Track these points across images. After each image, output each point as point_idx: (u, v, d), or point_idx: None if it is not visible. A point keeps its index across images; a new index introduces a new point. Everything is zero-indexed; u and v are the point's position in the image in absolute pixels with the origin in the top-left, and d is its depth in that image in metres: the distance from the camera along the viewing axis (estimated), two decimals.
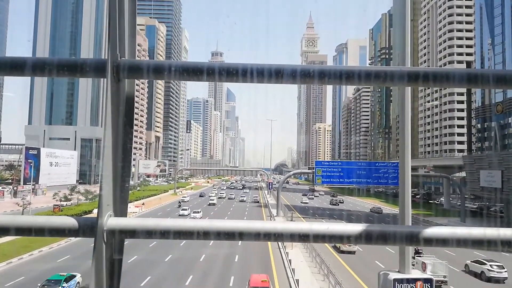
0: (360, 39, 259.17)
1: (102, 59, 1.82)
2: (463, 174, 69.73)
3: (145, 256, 28.74)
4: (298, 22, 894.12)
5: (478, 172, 57.01)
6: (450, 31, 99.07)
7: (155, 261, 27.64)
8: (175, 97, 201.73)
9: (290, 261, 27.15)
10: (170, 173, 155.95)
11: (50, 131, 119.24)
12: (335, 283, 21.32)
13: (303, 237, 1.74)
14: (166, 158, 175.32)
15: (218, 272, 25.87)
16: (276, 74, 1.81)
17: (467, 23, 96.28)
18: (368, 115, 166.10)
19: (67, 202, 54.69)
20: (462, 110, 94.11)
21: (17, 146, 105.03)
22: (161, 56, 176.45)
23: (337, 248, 33.79)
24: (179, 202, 66.37)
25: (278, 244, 33.04)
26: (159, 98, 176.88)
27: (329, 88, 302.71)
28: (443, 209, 70.55)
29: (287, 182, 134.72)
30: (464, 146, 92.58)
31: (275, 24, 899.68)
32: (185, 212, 51.57)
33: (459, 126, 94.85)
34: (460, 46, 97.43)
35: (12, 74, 1.88)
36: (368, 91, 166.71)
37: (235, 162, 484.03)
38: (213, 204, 66.44)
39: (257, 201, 76.64)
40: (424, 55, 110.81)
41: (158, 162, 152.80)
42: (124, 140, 1.93)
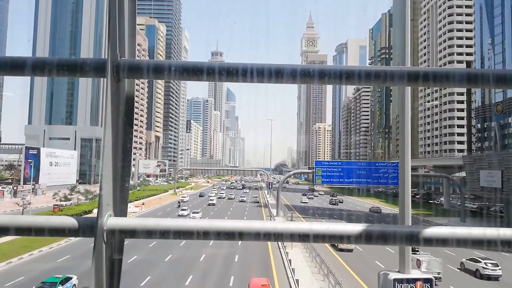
0: (360, 39, 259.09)
1: (102, 59, 1.82)
2: (463, 174, 69.75)
3: (145, 256, 28.74)
4: (298, 22, 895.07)
5: (478, 172, 57.03)
6: (450, 31, 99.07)
7: (155, 261, 27.63)
8: (175, 97, 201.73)
9: (290, 261, 27.14)
10: (170, 173, 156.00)
11: (50, 131, 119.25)
12: (335, 283, 21.32)
13: (303, 237, 1.74)
14: (166, 158, 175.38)
15: (218, 272, 25.88)
16: (276, 74, 1.80)
17: (467, 23, 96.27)
18: (368, 115, 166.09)
19: (67, 202, 54.69)
20: (462, 110, 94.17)
21: (17, 146, 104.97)
22: (161, 56, 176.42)
23: (335, 246, 33.84)
24: (179, 202, 66.10)
25: (278, 244, 33.04)
26: (159, 98, 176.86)
27: (329, 88, 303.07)
28: (443, 209, 70.56)
29: (287, 182, 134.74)
30: (464, 146, 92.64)
31: (275, 24, 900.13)
32: (185, 213, 51.23)
33: (459, 126, 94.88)
34: (460, 46, 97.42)
35: (12, 74, 1.88)
36: (368, 91, 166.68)
37: (235, 162, 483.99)
38: (213, 204, 66.23)
39: (257, 201, 76.48)
40: (424, 55, 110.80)
41: (158, 162, 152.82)
42: (124, 140, 1.93)
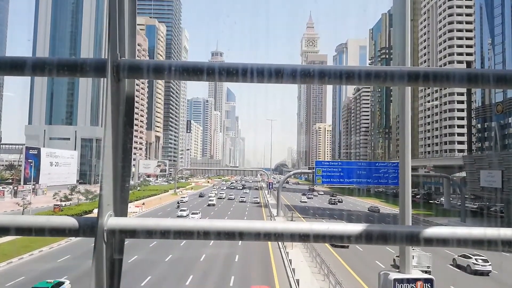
0: (360, 39, 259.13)
1: (102, 59, 1.82)
2: (463, 174, 69.74)
3: (145, 256, 28.74)
4: (298, 22, 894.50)
5: (478, 172, 57.02)
6: (450, 31, 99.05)
7: (155, 261, 27.63)
8: (175, 97, 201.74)
9: (290, 261, 27.14)
10: (170, 173, 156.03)
11: (50, 131, 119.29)
12: (335, 283, 21.31)
13: (303, 237, 1.74)
14: (166, 158, 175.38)
15: (219, 272, 25.87)
16: (276, 74, 1.80)
17: (467, 23, 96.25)
18: (368, 115, 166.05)
19: (66, 202, 54.49)
20: (462, 110, 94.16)
21: (17, 146, 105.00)
22: (161, 56, 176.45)
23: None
24: (178, 202, 65.49)
25: (278, 244, 33.05)
26: (159, 98, 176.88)
27: (329, 88, 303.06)
28: (443, 209, 70.52)
29: (287, 182, 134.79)
30: (464, 146, 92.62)
31: (275, 24, 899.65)
32: (184, 213, 50.61)
33: (459, 126, 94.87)
34: (460, 46, 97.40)
35: (12, 74, 1.88)
36: (368, 91, 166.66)
37: (235, 162, 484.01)
38: (213, 205, 65.83)
39: (257, 201, 76.10)
40: (424, 55, 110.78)
41: (158, 162, 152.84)
42: (124, 140, 1.93)
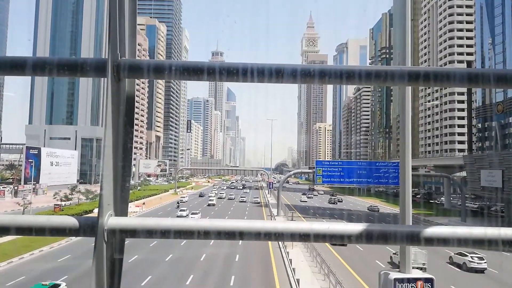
0: (360, 38, 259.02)
1: (102, 59, 1.82)
2: (464, 173, 69.66)
3: (146, 256, 28.74)
4: (298, 22, 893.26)
5: (478, 172, 56.99)
6: (451, 30, 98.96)
7: (156, 261, 27.63)
8: (176, 97, 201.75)
9: (290, 260, 27.13)
10: (171, 173, 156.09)
11: (51, 130, 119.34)
12: (336, 282, 21.31)
13: (303, 237, 1.74)
14: (167, 158, 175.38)
15: (219, 271, 25.87)
16: (276, 74, 1.80)
17: (467, 22, 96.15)
18: (368, 115, 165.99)
19: (67, 202, 54.27)
20: (462, 110, 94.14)
21: (17, 146, 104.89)
22: (161, 55, 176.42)
23: None
24: (178, 202, 65.06)
25: (278, 243, 33.04)
26: (160, 98, 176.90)
27: (329, 88, 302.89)
28: (444, 209, 70.50)
29: (287, 182, 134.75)
30: (465, 146, 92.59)
31: (275, 24, 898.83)
32: (183, 213, 50.08)
33: (460, 126, 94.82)
34: (461, 46, 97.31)
35: (12, 74, 1.88)
36: (369, 91, 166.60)
37: (236, 162, 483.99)
38: (213, 205, 65.55)
39: (258, 201, 75.70)
40: (425, 54, 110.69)
41: (158, 161, 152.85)
42: (124, 140, 1.93)
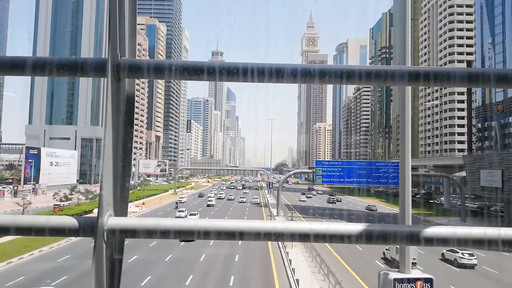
0: (360, 38, 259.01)
1: (102, 59, 1.82)
2: (464, 173, 69.69)
3: (145, 256, 28.74)
4: (298, 22, 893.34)
5: (478, 172, 56.99)
6: (451, 30, 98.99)
7: (155, 261, 27.63)
8: (176, 97, 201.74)
9: (290, 260, 27.13)
10: (170, 173, 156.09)
11: (51, 130, 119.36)
12: (335, 282, 21.31)
13: (303, 237, 1.74)
14: (166, 158, 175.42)
15: (218, 271, 25.87)
16: (276, 74, 1.80)
17: (467, 22, 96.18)
18: (368, 115, 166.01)
19: (65, 203, 53.86)
20: (462, 110, 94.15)
21: (17, 146, 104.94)
22: (161, 55, 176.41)
23: None
24: (176, 203, 64.35)
25: (278, 243, 33.04)
26: (160, 98, 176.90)
27: (329, 88, 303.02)
28: (444, 209, 70.49)
29: (287, 182, 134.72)
30: (465, 146, 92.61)
31: (275, 24, 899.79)
32: (182, 214, 49.28)
33: (460, 126, 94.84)
34: (461, 46, 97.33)
35: (12, 74, 1.87)
36: (368, 91, 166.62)
37: (235, 162, 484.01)
38: (212, 205, 65.10)
39: (257, 202, 74.32)
40: (425, 54, 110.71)
41: (158, 161, 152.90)
42: (124, 140, 1.93)
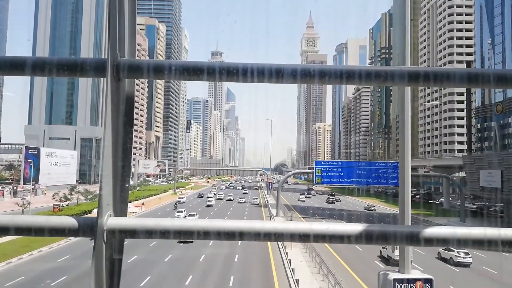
0: (360, 38, 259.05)
1: (102, 59, 1.81)
2: (463, 174, 69.74)
3: (145, 256, 28.73)
4: (298, 22, 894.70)
5: (478, 172, 57.01)
6: (450, 30, 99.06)
7: (155, 261, 27.62)
8: (175, 97, 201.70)
9: (290, 261, 27.12)
10: (170, 173, 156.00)
11: (50, 131, 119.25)
12: (335, 283, 21.31)
13: (303, 237, 1.74)
14: (166, 158, 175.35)
15: (218, 272, 25.87)
16: (276, 74, 1.80)
17: (467, 22, 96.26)
18: (368, 115, 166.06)
19: (64, 203, 53.50)
20: (462, 110, 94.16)
21: (17, 146, 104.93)
22: (161, 55, 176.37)
23: None
24: (175, 203, 64.02)
25: (278, 244, 33.01)
26: (159, 98, 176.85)
27: (329, 88, 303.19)
28: (443, 209, 70.50)
29: (287, 182, 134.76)
30: (464, 146, 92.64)
31: (275, 24, 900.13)
32: (181, 215, 48.82)
33: (459, 126, 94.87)
34: (460, 46, 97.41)
35: (12, 74, 1.87)
36: (368, 91, 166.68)
37: (235, 162, 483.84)
38: (211, 206, 64.90)
39: (257, 203, 73.63)
40: (424, 54, 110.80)
41: (158, 162, 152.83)
42: (124, 140, 1.93)
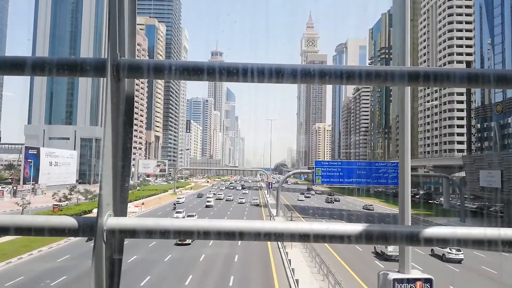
0: (360, 39, 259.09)
1: (102, 59, 1.81)
2: (463, 174, 69.70)
3: (145, 256, 28.72)
4: (298, 22, 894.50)
5: (477, 172, 57.00)
6: (450, 31, 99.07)
7: (155, 261, 27.61)
8: (175, 97, 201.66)
9: (289, 261, 27.11)
10: (170, 173, 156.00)
11: (50, 130, 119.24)
12: (335, 283, 21.31)
13: (303, 237, 1.74)
14: (166, 158, 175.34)
15: (218, 272, 25.87)
16: (276, 74, 1.80)
17: (467, 23, 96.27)
18: (367, 115, 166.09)
19: (63, 203, 53.40)
20: (461, 110, 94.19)
21: (16, 146, 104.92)
22: (160, 55, 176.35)
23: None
24: (174, 204, 63.51)
25: (277, 244, 33.01)
26: (159, 98, 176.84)
27: (329, 88, 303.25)
28: (443, 209, 70.51)
29: (287, 182, 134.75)
30: (464, 146, 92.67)
31: (275, 24, 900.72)
32: (180, 215, 48.24)
33: (459, 126, 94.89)
34: (460, 46, 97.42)
35: (12, 74, 1.86)
36: (368, 91, 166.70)
37: (235, 162, 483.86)
38: (211, 206, 64.63)
39: (257, 203, 72.55)
40: (424, 55, 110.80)
41: (157, 161, 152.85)
42: (124, 140, 1.92)
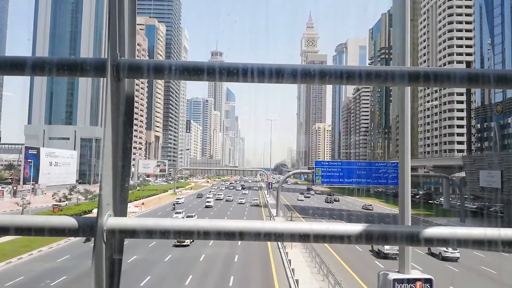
0: (360, 39, 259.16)
1: (102, 59, 1.81)
2: (463, 174, 69.70)
3: (145, 256, 28.73)
4: (298, 22, 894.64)
5: (477, 172, 57.00)
6: (450, 31, 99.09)
7: (155, 261, 27.62)
8: (175, 97, 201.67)
9: (289, 261, 27.12)
10: (170, 173, 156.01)
11: (50, 130, 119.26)
12: (335, 283, 21.31)
13: (303, 237, 1.73)
14: (166, 158, 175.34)
15: (218, 272, 25.87)
16: (276, 74, 1.80)
17: (466, 23, 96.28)
18: (367, 115, 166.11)
19: (63, 203, 53.36)
20: (461, 110, 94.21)
21: (16, 146, 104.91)
22: (160, 55, 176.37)
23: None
24: (173, 204, 63.25)
25: (277, 244, 33.01)
26: (159, 98, 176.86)
27: (329, 88, 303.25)
28: (443, 209, 70.52)
29: (286, 182, 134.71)
30: (464, 146, 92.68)
31: (275, 24, 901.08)
32: (179, 216, 48.06)
33: (459, 126, 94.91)
34: (460, 46, 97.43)
35: (12, 74, 1.86)
36: (368, 91, 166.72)
37: (235, 162, 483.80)
38: (210, 207, 64.44)
39: (257, 204, 72.25)
40: (424, 55, 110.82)
41: (157, 162, 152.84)
42: (124, 140, 1.92)
